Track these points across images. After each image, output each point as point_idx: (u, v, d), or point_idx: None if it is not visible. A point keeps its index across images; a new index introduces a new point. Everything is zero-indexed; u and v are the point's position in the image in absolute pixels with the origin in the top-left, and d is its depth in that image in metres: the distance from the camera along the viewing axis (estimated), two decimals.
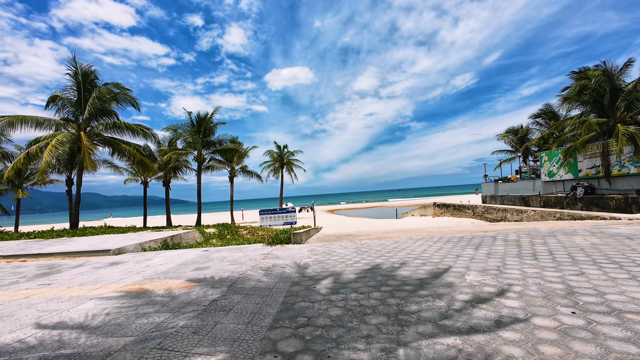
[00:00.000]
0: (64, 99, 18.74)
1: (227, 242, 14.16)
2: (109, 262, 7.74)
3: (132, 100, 20.37)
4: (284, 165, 37.01)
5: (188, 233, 13.79)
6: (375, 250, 7.34)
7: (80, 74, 18.70)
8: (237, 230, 17.64)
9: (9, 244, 12.18)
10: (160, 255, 8.42)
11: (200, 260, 7.22)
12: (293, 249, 8.17)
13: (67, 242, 11.77)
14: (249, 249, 8.41)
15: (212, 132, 21.16)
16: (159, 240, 11.58)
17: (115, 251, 9.19)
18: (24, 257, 9.22)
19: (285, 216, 8.81)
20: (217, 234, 16.17)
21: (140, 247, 10.32)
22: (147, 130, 21.26)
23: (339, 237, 11.09)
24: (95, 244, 10.52)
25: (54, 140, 16.25)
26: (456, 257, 6.01)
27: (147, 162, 19.65)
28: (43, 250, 9.64)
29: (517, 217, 15.20)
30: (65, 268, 7.34)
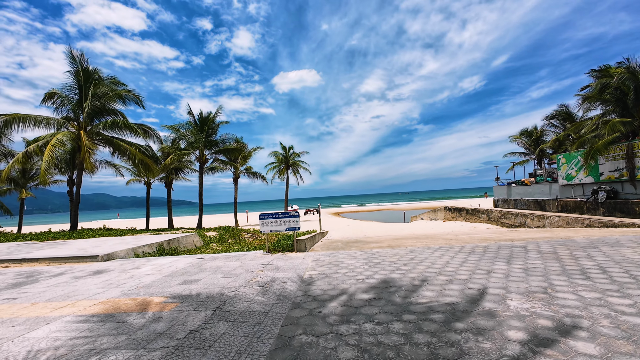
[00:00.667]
0: (63, 96, 18.26)
1: (228, 247, 13.43)
2: (93, 271, 7.00)
3: (135, 98, 19.84)
4: (290, 166, 36.25)
5: (187, 237, 13.06)
6: (389, 261, 6.45)
7: (82, 71, 18.22)
8: (240, 233, 16.88)
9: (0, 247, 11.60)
10: (150, 263, 7.65)
11: (192, 270, 6.42)
12: (296, 258, 7.33)
13: (59, 246, 11.13)
14: (247, 257, 7.60)
15: (214, 132, 20.45)
16: (155, 244, 10.86)
17: (104, 257, 8.47)
18: (7, 262, 8.56)
19: (288, 221, 7.98)
20: (218, 238, 15.43)
21: (132, 252, 9.60)
22: (149, 130, 20.72)
23: (347, 243, 10.22)
24: (86, 249, 9.83)
25: (53, 139, 15.74)
26: (487, 274, 5.09)
27: (148, 162, 19.06)
28: (30, 255, 8.97)
29: (538, 223, 14.13)
30: (44, 277, 6.62)
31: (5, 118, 16.17)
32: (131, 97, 19.88)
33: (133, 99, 19.91)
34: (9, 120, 16.30)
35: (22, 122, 16.82)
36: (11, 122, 16.47)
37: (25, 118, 16.75)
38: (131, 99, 19.91)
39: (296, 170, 36.62)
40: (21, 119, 16.62)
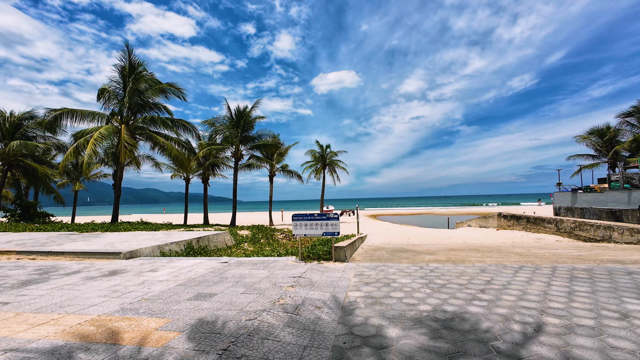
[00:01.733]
0: (110, 92, 18.74)
1: (260, 248, 12.53)
2: (109, 271, 6.28)
3: (177, 91, 19.87)
4: (326, 165, 35.09)
5: (218, 235, 12.36)
6: (457, 284, 4.91)
7: (127, 66, 18.54)
8: (273, 233, 15.99)
9: (39, 237, 11.71)
10: (170, 265, 6.81)
11: (211, 278, 5.40)
12: (334, 270, 6.03)
13: (92, 239, 10.92)
14: (277, 265, 6.45)
15: (251, 127, 19.87)
16: (183, 242, 10.20)
17: (127, 254, 7.84)
18: (36, 254, 8.29)
19: (325, 224, 6.71)
20: (251, 237, 14.64)
21: (158, 250, 8.95)
22: (187, 125, 20.68)
23: (393, 252, 8.72)
24: (114, 244, 9.39)
25: (96, 133, 16.05)
26: (623, 317, 3.40)
27: (182, 158, 18.95)
28: (58, 248, 8.66)
29: (630, 238, 11.44)
30: (58, 275, 6.00)
31: (55, 113, 16.83)
32: (173, 91, 19.96)
33: (175, 92, 19.97)
34: (58, 115, 16.93)
35: (71, 117, 17.44)
36: (60, 117, 17.11)
37: (73, 112, 17.34)
38: (173, 92, 20.00)
39: (333, 170, 35.38)
40: (69, 114, 17.21)
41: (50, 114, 16.53)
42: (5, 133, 20.07)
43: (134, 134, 18.61)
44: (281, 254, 8.38)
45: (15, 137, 20.32)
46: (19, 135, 20.47)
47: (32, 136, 21.09)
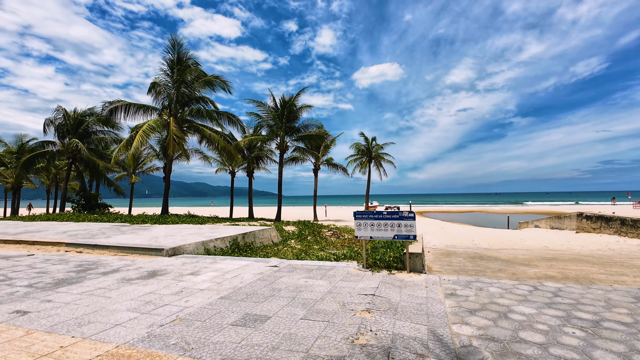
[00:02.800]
0: (161, 85, 18.93)
1: (308, 246, 11.50)
2: (148, 272, 5.55)
3: (222, 84, 19.56)
4: (372, 159, 33.30)
5: (264, 231, 11.54)
6: (615, 320, 3.28)
7: (175, 60, 18.55)
8: (320, 230, 14.91)
9: (93, 228, 11.83)
10: (213, 266, 5.92)
11: (260, 290, 4.33)
12: (414, 286, 4.65)
13: (140, 232, 10.67)
14: (338, 274, 5.23)
15: (296, 117, 18.86)
16: (228, 238, 9.46)
17: (169, 251, 7.17)
18: (83, 247, 8.01)
19: (398, 225, 5.33)
20: (297, 234, 13.69)
21: (202, 246, 8.25)
22: (233, 118, 20.36)
23: (472, 259, 7.08)
24: (158, 238, 8.91)
25: (145, 126, 16.19)
26: None
27: (230, 150, 18.60)
28: (105, 241, 8.34)
29: None
30: (95, 274, 5.39)
31: (110, 106, 17.31)
32: (218, 83, 19.68)
33: (220, 84, 19.68)
34: (114, 108, 17.39)
35: (125, 110, 17.85)
36: (115, 110, 17.57)
37: (127, 105, 17.73)
38: (218, 84, 19.72)
39: (379, 164, 33.48)
40: (123, 107, 17.62)
41: (107, 107, 17.02)
42: (70, 129, 21.34)
43: (182, 127, 18.64)
44: (338, 257, 7.14)
45: (78, 132, 21.54)
46: (81, 130, 21.68)
47: (93, 131, 22.27)
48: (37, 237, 9.32)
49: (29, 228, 11.96)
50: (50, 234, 10.15)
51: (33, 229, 11.81)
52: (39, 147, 20.87)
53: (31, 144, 23.08)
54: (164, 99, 19.26)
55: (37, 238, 8.97)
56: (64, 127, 21.15)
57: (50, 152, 20.86)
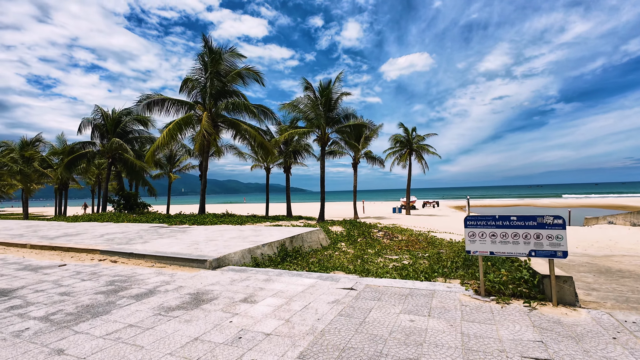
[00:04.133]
0: (194, 81, 18.24)
1: (361, 250, 10.06)
2: (190, 296, 4.33)
3: (254, 75, 18.54)
4: (413, 151, 31.02)
5: (311, 233, 10.21)
6: None
7: (208, 54, 17.70)
8: (370, 230, 13.36)
9: (131, 230, 11.13)
10: (270, 288, 4.59)
11: (354, 339, 2.88)
12: (593, 336, 2.98)
13: (178, 235, 9.74)
14: (448, 307, 3.67)
15: (335, 106, 17.17)
16: (275, 244, 8.20)
17: (213, 263, 5.98)
18: (118, 255, 7.09)
19: (536, 235, 3.66)
20: (345, 235, 12.24)
21: (249, 255, 7.03)
22: (267, 111, 19.26)
23: (603, 273, 5.20)
24: (199, 244, 7.83)
25: (173, 123, 15.50)
26: None
27: (267, 145, 17.51)
28: (141, 249, 7.39)
29: None
30: (129, 297, 4.25)
31: (147, 100, 16.81)
32: (251, 75, 18.66)
33: (253, 76, 18.65)
34: (150, 102, 16.87)
35: (160, 105, 17.31)
36: (152, 105, 17.04)
37: (163, 100, 17.16)
38: (251, 76, 18.70)
39: (420, 156, 31.12)
40: (159, 101, 17.07)
41: (144, 100, 16.53)
42: (109, 129, 21.34)
43: (217, 122, 17.82)
44: (428, 275, 5.48)
45: (116, 132, 21.51)
46: (119, 130, 21.63)
47: (130, 131, 22.18)
48: (73, 242, 8.63)
49: (69, 230, 11.53)
50: (88, 237, 9.49)
51: (73, 231, 11.35)
52: (80, 147, 21.09)
53: (70, 144, 23.51)
54: (197, 94, 18.56)
55: (72, 244, 8.25)
56: (103, 127, 21.20)
57: (90, 153, 21.00)
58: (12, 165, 23.97)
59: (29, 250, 8.27)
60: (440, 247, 11.86)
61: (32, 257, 7.54)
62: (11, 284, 5.09)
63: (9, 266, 6.50)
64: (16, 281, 5.27)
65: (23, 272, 5.96)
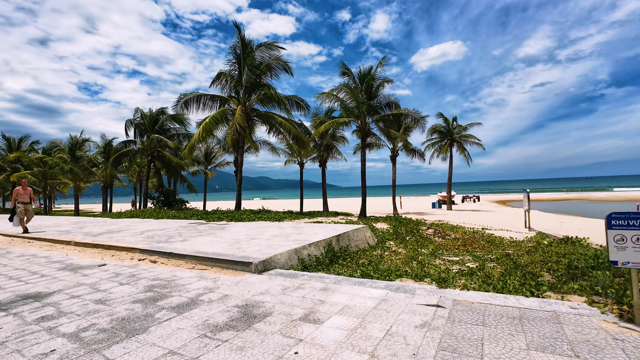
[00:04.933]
0: (227, 75, 17.93)
1: (414, 251, 9.03)
2: (239, 309, 3.61)
3: (284, 65, 17.90)
4: (454, 142, 28.94)
5: (357, 231, 9.30)
6: None
7: (241, 46, 17.27)
8: (418, 227, 12.19)
9: (171, 227, 10.90)
10: (331, 298, 3.74)
11: None
12: None
13: (217, 232, 9.27)
14: (590, 339, 2.61)
15: (376, 93, 15.88)
16: (322, 243, 7.39)
17: (259, 266, 5.28)
18: (157, 254, 6.65)
19: None
20: (392, 233, 11.21)
21: (296, 256, 6.27)
22: (301, 102, 18.56)
23: None
24: (240, 242, 7.23)
25: (208, 118, 15.22)
26: None
27: (302, 138, 16.81)
28: (181, 247, 6.92)
29: None
30: (169, 309, 3.62)
31: (185, 98, 16.75)
32: (280, 65, 18.02)
33: (282, 66, 18.01)
34: (187, 100, 16.80)
35: (196, 102, 17.19)
36: (188, 103, 16.97)
37: (197, 97, 17.03)
38: (280, 66, 18.07)
39: (462, 148, 28.97)
40: (195, 98, 16.95)
41: (182, 99, 16.50)
42: (148, 127, 21.74)
43: (251, 116, 17.39)
44: (529, 286, 4.33)
45: (155, 130, 21.88)
46: (157, 128, 21.98)
47: (167, 129, 22.50)
48: (114, 239, 8.42)
49: (112, 227, 11.56)
50: (129, 234, 9.30)
51: (115, 227, 11.35)
52: (123, 146, 21.72)
53: (115, 144, 24.39)
54: (230, 88, 18.26)
55: (114, 241, 8.00)
56: (142, 126, 21.65)
57: (131, 151, 21.56)
58: (63, 164, 25.36)
59: (73, 248, 8.15)
60: (503, 246, 10.47)
61: (74, 255, 7.35)
62: (49, 287, 4.71)
63: (52, 265, 6.26)
64: (54, 283, 4.90)
65: (63, 272, 5.64)
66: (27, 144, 31.89)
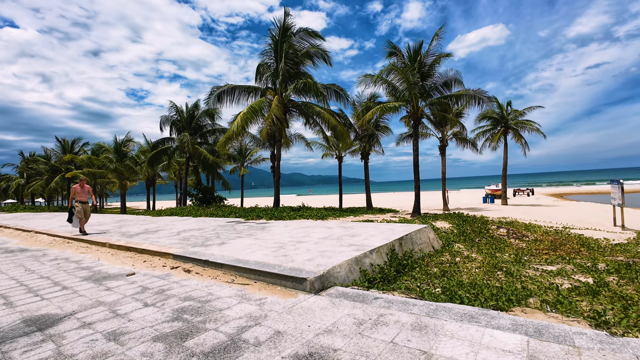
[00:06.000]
0: (265, 65, 17.06)
1: (490, 256, 7.41)
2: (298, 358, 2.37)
3: (322, 54, 16.67)
4: (509, 129, 25.87)
5: (419, 232, 7.79)
6: None
7: (280, 33, 16.19)
8: (486, 227, 10.35)
9: (208, 226, 10.12)
10: (449, 355, 2.39)
11: None
12: None
13: (257, 232, 8.26)
14: None
15: (430, 72, 13.65)
16: (383, 249, 6.02)
17: (316, 284, 4.04)
18: (192, 262, 5.69)
19: None
20: (457, 233, 9.52)
21: (357, 267, 4.97)
22: (341, 92, 17.21)
23: None
24: (285, 247, 6.08)
25: (246, 108, 14.32)
26: None
27: (341, 129, 15.46)
28: (218, 253, 5.92)
29: None
30: (200, 353, 2.48)
31: (218, 91, 16.09)
32: (319, 54, 16.79)
33: (321, 55, 16.77)
34: (221, 92, 16.12)
35: (230, 94, 16.47)
36: (221, 96, 16.29)
37: (231, 89, 16.29)
38: (320, 55, 16.83)
39: (518, 135, 25.80)
40: (228, 91, 16.23)
41: (215, 92, 15.84)
42: (185, 124, 21.57)
43: (288, 107, 16.34)
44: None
45: (191, 127, 21.66)
46: (194, 125, 21.75)
47: (203, 125, 22.22)
48: (149, 241, 7.69)
49: (150, 226, 11.08)
50: (165, 235, 8.59)
51: (154, 227, 10.83)
52: (160, 143, 21.78)
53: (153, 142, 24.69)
54: (267, 79, 17.35)
55: (147, 244, 7.24)
56: (179, 122, 21.53)
57: (170, 148, 21.54)
58: (109, 164, 26.25)
59: (107, 250, 7.54)
60: (603, 251, 8.39)
61: (106, 259, 6.67)
62: (63, 307, 3.85)
63: (79, 273, 5.54)
64: (71, 301, 4.05)
65: (86, 284, 4.83)
66: (78, 146, 33.78)
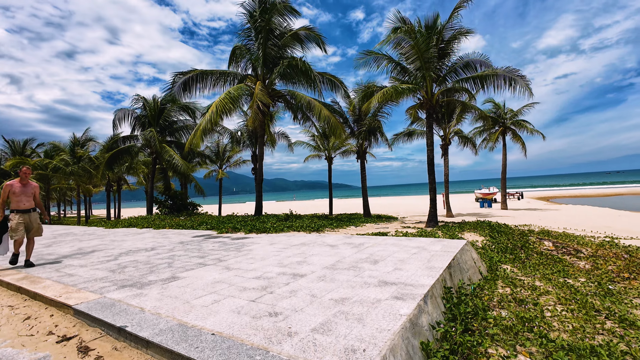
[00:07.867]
0: (242, 47, 14.50)
1: (567, 287, 5.20)
2: None
3: (316, 38, 14.40)
4: (506, 129, 24.48)
5: (462, 253, 5.49)
6: None
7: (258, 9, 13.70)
8: (527, 239, 8.23)
9: (163, 246, 7.43)
10: None
11: None
12: None
13: (230, 258, 5.70)
14: None
15: (448, 51, 10.92)
16: (437, 291, 3.64)
17: None
18: (101, 325, 3.09)
19: None
20: (497, 250, 7.30)
21: (415, 340, 2.55)
22: (335, 80, 14.97)
23: None
24: (272, 288, 3.57)
25: (223, 94, 11.75)
26: None
27: (335, 121, 13.15)
28: (151, 308, 3.35)
29: None
30: None
31: (183, 77, 13.34)
32: (312, 37, 14.48)
33: (314, 38, 14.46)
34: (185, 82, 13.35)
35: (201, 82, 13.79)
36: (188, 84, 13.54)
37: (201, 75, 13.61)
38: (312, 38, 14.53)
39: (516, 136, 24.47)
40: (197, 77, 13.54)
41: (179, 79, 13.08)
42: (151, 120, 18.63)
43: (272, 97, 13.88)
44: None
45: (159, 124, 18.76)
46: (162, 122, 18.85)
47: (174, 120, 19.36)
48: (62, 272, 4.99)
49: (89, 244, 8.25)
50: (96, 261, 5.87)
51: (92, 245, 8.03)
52: (121, 142, 18.68)
53: (110, 140, 21.49)
54: (247, 64, 14.82)
55: (49, 283, 4.52)
56: (144, 118, 18.56)
57: (132, 148, 18.49)
58: (64, 167, 22.74)
59: None
60: None
61: None
62: None
63: None
64: None
65: None
66: (32, 147, 29.70)
